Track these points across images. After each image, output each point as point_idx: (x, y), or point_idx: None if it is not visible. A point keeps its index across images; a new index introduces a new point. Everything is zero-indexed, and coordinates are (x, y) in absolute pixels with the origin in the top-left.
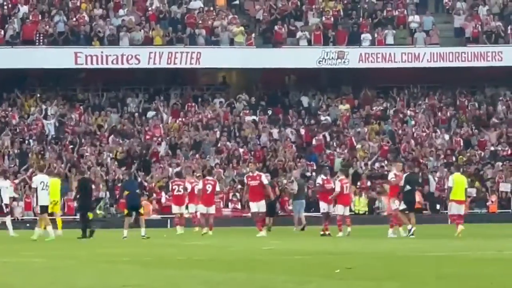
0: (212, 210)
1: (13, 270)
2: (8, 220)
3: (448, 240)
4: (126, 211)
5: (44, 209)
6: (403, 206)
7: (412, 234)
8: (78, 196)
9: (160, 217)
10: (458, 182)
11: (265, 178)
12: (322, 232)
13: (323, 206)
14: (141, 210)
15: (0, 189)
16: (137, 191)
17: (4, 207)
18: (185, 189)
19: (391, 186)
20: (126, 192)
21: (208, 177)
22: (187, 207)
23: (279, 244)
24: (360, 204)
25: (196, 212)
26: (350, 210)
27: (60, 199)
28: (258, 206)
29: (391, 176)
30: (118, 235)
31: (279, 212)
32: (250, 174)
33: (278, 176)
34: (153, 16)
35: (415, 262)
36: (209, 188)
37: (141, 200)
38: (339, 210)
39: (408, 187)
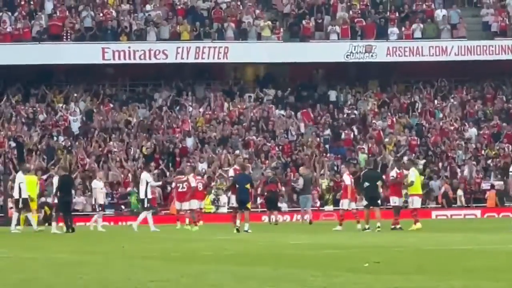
0: (202, 205)
1: (41, 266)
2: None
3: (473, 233)
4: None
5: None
6: (365, 202)
7: (369, 229)
8: (58, 193)
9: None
10: (418, 177)
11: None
12: (392, 226)
13: (394, 199)
14: (248, 205)
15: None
16: (247, 185)
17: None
18: (188, 186)
19: (391, 184)
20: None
21: (197, 176)
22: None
23: (306, 238)
24: None
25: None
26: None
27: (36, 196)
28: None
29: (392, 174)
30: (147, 230)
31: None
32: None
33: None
34: (181, 10)
35: (442, 256)
36: (200, 184)
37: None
38: (345, 204)
39: (367, 184)
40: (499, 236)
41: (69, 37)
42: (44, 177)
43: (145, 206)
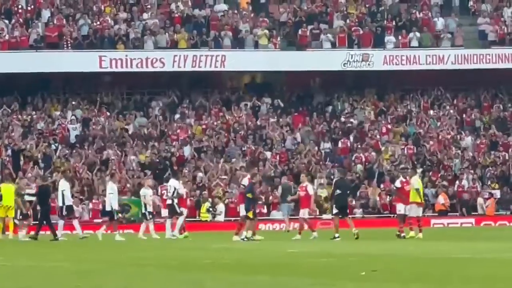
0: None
1: (38, 274)
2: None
3: (470, 242)
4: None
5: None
6: (335, 210)
7: (338, 237)
8: (37, 202)
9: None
10: (420, 185)
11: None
12: (398, 233)
13: (399, 207)
14: (250, 214)
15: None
16: (348, 191)
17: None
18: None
19: (397, 191)
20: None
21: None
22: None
23: (304, 247)
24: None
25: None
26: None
27: (14, 204)
28: None
29: (397, 183)
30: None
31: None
32: None
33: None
34: (178, 19)
35: (440, 264)
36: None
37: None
38: (304, 213)
39: (338, 192)
40: (496, 244)
41: (66, 45)
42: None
43: (178, 211)
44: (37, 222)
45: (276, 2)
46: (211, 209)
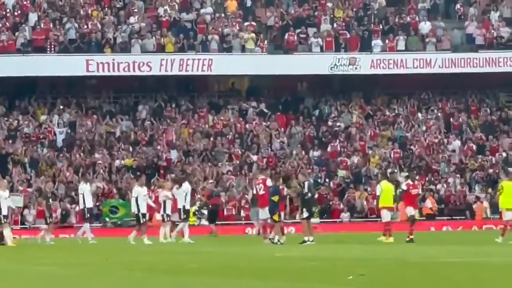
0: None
1: (26, 278)
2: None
3: (459, 246)
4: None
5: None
6: (306, 213)
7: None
8: None
9: None
10: (386, 189)
11: None
12: (408, 238)
13: (410, 210)
14: (275, 217)
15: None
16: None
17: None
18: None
19: (402, 195)
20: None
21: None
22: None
23: (291, 251)
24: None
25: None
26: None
27: None
28: None
29: (403, 186)
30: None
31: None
32: None
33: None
34: (165, 23)
35: (427, 268)
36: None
37: None
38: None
39: (309, 195)
40: (483, 248)
41: (53, 49)
42: (30, 190)
43: (183, 217)
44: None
45: (263, 6)
46: (197, 212)
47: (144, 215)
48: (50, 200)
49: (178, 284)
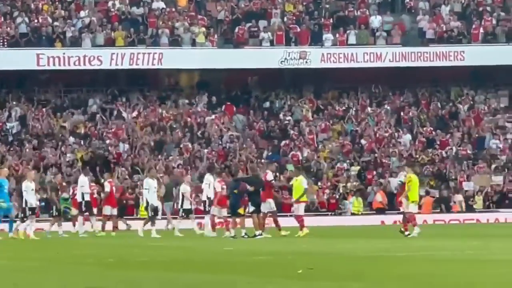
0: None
1: None
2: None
3: (410, 240)
4: None
5: None
6: (251, 208)
7: (260, 235)
8: None
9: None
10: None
11: None
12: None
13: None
14: (241, 211)
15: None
16: (261, 188)
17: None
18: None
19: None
20: None
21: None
22: None
23: (241, 245)
24: (356, 204)
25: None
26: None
27: None
28: None
29: (401, 177)
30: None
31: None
32: None
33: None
34: (115, 17)
35: (377, 262)
36: (114, 189)
37: None
38: (216, 211)
39: (253, 189)
40: (434, 242)
41: (3, 43)
42: None
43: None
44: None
45: (214, 0)
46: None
47: (154, 208)
48: None
49: (126, 277)
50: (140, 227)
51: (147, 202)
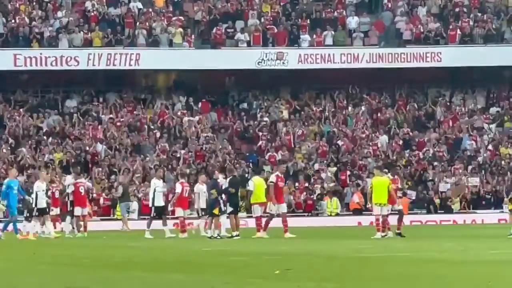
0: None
1: None
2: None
3: (388, 241)
4: None
5: None
6: (230, 209)
7: (238, 236)
8: None
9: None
10: (260, 185)
11: None
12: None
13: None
14: (215, 211)
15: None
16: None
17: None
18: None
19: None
20: None
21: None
22: None
23: (219, 245)
24: (333, 205)
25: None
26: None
27: None
28: None
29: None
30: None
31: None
32: None
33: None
34: (93, 17)
35: (356, 263)
36: (82, 190)
37: None
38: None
39: (232, 190)
40: (411, 243)
41: None
42: None
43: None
44: None
45: (191, 1)
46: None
47: (161, 208)
48: None
49: (102, 278)
50: (166, 229)
51: (153, 203)
